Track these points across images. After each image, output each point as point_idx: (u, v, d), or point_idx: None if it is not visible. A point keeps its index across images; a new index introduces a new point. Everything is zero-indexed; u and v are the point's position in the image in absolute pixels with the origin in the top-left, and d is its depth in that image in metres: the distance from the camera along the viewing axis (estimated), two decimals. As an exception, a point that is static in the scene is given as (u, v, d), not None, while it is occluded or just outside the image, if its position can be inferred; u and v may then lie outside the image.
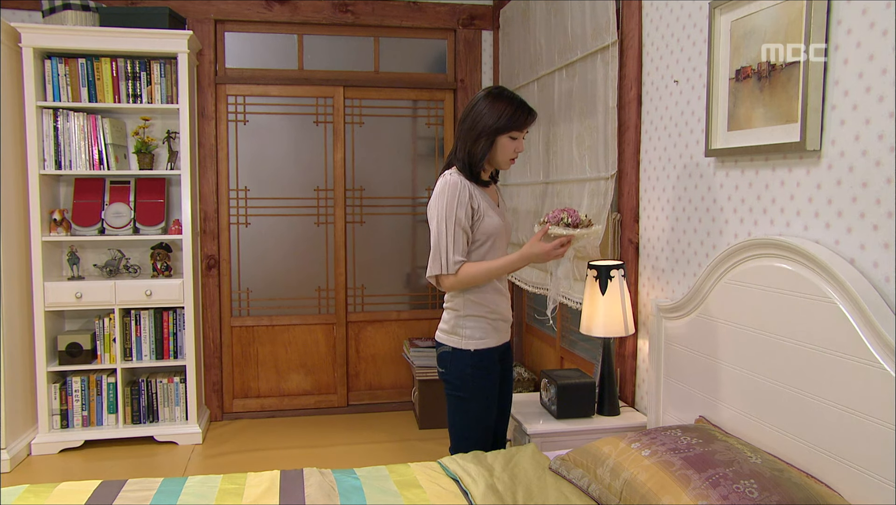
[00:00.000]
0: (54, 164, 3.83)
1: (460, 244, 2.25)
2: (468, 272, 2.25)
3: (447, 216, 2.24)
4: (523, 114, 2.28)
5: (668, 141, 2.58)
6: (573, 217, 2.21)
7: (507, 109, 2.26)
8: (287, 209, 4.47)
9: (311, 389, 4.53)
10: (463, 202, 2.25)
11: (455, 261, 2.24)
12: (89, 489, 2.03)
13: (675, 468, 1.72)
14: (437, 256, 2.26)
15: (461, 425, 2.40)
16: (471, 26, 4.51)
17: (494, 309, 2.36)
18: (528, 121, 2.30)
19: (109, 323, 3.93)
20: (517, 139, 2.31)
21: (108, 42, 3.77)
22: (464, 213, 2.24)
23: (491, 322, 2.35)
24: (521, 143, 2.34)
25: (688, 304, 2.33)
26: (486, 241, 2.31)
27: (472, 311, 2.33)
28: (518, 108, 2.27)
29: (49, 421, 3.85)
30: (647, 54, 2.73)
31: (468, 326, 2.34)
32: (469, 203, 2.26)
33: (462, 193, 2.25)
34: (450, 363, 2.36)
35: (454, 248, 2.24)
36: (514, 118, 2.26)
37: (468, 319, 2.34)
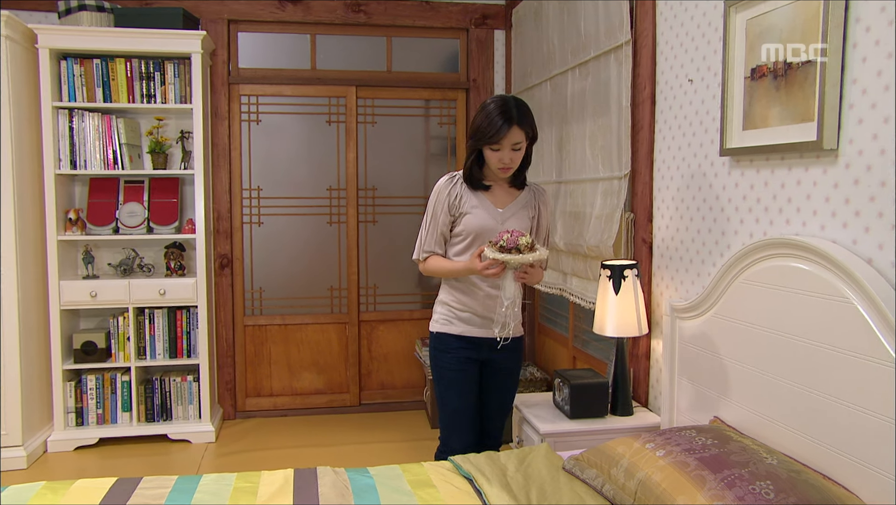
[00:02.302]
0: (69, 163, 3.85)
1: (433, 237, 2.49)
2: (430, 264, 2.51)
3: (427, 211, 2.52)
4: (491, 129, 2.33)
5: (683, 140, 2.56)
6: (510, 241, 2.23)
7: (481, 123, 2.36)
8: (300, 209, 4.49)
9: (324, 388, 4.55)
10: (441, 200, 2.47)
11: (424, 250, 2.51)
12: (105, 486, 2.04)
13: (690, 469, 1.71)
14: (416, 244, 2.56)
15: (437, 408, 2.63)
16: (483, 26, 4.51)
17: (461, 300, 2.50)
18: (494, 137, 2.32)
19: (124, 322, 3.96)
20: (498, 151, 2.36)
21: (122, 42, 3.80)
22: (441, 210, 2.47)
23: (456, 311, 2.51)
24: (506, 154, 2.36)
25: (702, 304, 2.32)
26: (467, 237, 2.46)
27: (443, 297, 2.57)
28: (489, 123, 2.33)
29: (65, 419, 3.88)
30: (661, 53, 2.72)
31: (437, 311, 2.58)
32: (448, 202, 2.46)
33: (442, 193, 2.47)
34: (429, 345, 2.63)
35: (426, 239, 2.51)
36: (483, 133, 2.35)
37: (439, 304, 2.58)
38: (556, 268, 3.63)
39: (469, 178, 2.47)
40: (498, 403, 2.62)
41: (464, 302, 2.49)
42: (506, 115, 2.32)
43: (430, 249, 2.50)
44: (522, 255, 2.22)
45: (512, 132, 2.33)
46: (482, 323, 2.50)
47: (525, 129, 2.36)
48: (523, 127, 2.35)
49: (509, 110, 2.33)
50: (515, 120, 2.32)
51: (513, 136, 2.34)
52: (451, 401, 2.54)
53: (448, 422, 2.56)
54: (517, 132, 2.34)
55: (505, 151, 2.36)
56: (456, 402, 2.53)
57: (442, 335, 2.53)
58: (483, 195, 2.47)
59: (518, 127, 2.33)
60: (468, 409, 2.55)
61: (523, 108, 2.37)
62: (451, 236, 2.49)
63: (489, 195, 2.48)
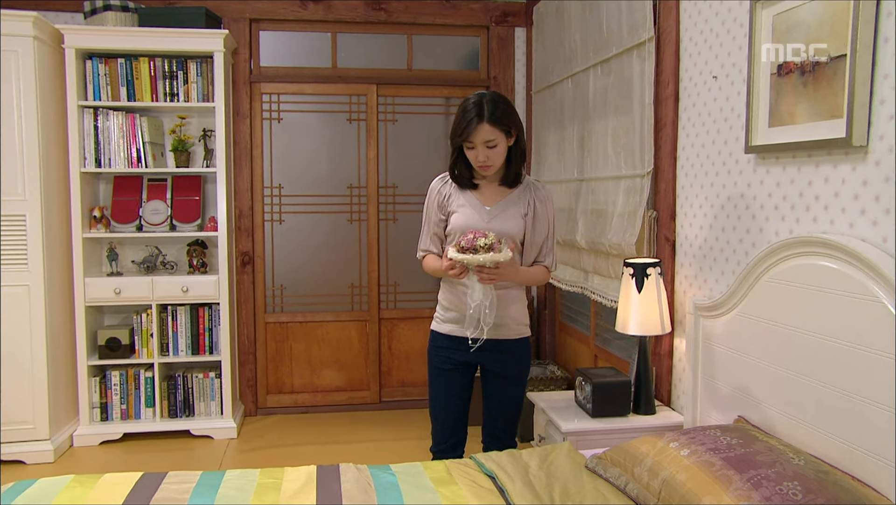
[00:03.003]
0: (94, 162, 3.90)
1: (428, 236, 2.52)
2: (426, 262, 2.53)
3: (424, 211, 2.55)
4: (461, 126, 2.31)
5: (707, 138, 2.54)
6: (468, 242, 2.21)
7: (456, 120, 2.34)
8: (320, 206, 4.51)
9: (344, 386, 4.57)
10: (432, 199, 2.50)
11: (421, 248, 2.56)
12: (132, 480, 2.06)
13: (715, 468, 1.70)
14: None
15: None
16: (504, 23, 4.50)
17: (450, 299, 2.48)
18: (463, 134, 2.30)
19: (147, 318, 4.00)
20: (473, 148, 2.33)
21: (146, 42, 3.83)
22: (433, 209, 2.50)
23: (446, 310, 2.50)
24: (481, 151, 2.31)
25: (726, 302, 2.30)
26: (455, 236, 2.42)
27: (439, 295, 2.57)
28: (461, 120, 2.32)
29: (90, 414, 3.93)
30: (684, 50, 2.70)
31: (436, 309, 2.58)
32: (438, 200, 2.48)
33: (433, 192, 2.50)
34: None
35: (423, 238, 2.55)
36: (455, 130, 2.34)
37: (438, 303, 2.57)
38: (577, 266, 3.62)
39: (455, 176, 2.45)
40: (497, 407, 2.53)
41: (452, 302, 2.47)
42: (475, 112, 2.28)
43: (426, 248, 2.53)
44: (475, 255, 2.18)
45: (481, 129, 2.28)
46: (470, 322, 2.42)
47: (499, 126, 2.29)
48: (496, 124, 2.28)
49: (480, 107, 2.28)
50: (485, 117, 2.27)
51: (484, 134, 2.28)
52: (433, 398, 2.56)
53: (437, 416, 2.57)
54: (488, 129, 2.28)
55: (480, 149, 2.31)
56: (437, 400, 2.54)
57: (434, 333, 2.54)
58: (471, 194, 2.44)
59: (489, 124, 2.27)
60: (449, 408, 2.52)
61: (498, 105, 2.30)
62: (444, 235, 2.49)
63: (478, 193, 2.44)
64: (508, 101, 2.35)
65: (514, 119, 2.34)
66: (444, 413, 2.54)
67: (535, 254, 2.46)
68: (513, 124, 2.33)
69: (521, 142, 2.40)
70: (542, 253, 2.47)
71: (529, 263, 2.46)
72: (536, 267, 2.46)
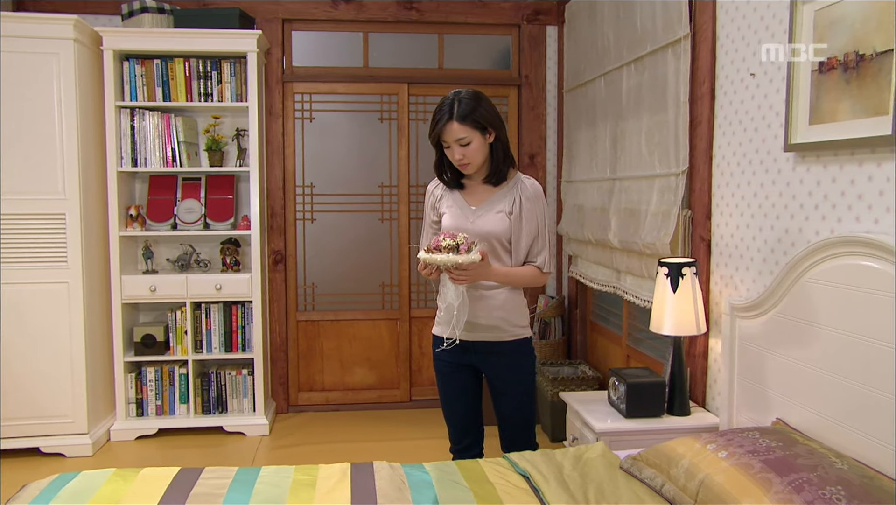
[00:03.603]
0: (131, 161, 3.97)
1: (425, 237, 2.54)
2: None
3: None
4: (431, 125, 2.32)
5: (744, 136, 2.51)
6: (434, 242, 2.20)
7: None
8: (352, 205, 4.53)
9: (375, 384, 4.59)
10: (427, 201, 2.54)
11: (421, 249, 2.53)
12: (170, 475, 2.10)
13: (754, 471, 1.67)
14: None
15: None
16: (535, 21, 4.48)
17: (441, 301, 2.44)
18: (432, 133, 2.32)
19: (181, 316, 4.06)
20: (448, 147, 2.33)
21: (181, 43, 3.89)
22: (428, 210, 2.53)
23: (441, 312, 2.46)
24: (455, 150, 2.31)
25: (764, 302, 2.27)
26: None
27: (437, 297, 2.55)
28: (432, 120, 2.32)
29: (126, 409, 4.00)
30: (721, 47, 2.67)
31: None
32: (431, 202, 2.51)
33: (427, 194, 2.54)
34: None
35: (422, 239, 2.55)
36: (429, 131, 2.35)
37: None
38: (609, 265, 3.60)
39: (440, 177, 2.45)
40: (505, 410, 2.48)
41: (444, 305, 2.42)
42: (446, 110, 2.28)
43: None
44: (435, 255, 2.17)
45: (451, 128, 2.27)
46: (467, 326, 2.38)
47: (469, 124, 2.26)
48: (465, 122, 2.26)
49: (450, 105, 2.27)
50: (454, 115, 2.26)
51: (454, 132, 2.27)
52: (441, 400, 2.58)
53: (447, 418, 2.59)
54: (458, 127, 2.26)
55: (455, 147, 2.30)
56: (443, 402, 2.56)
57: (433, 336, 2.54)
58: (459, 194, 2.43)
59: (457, 122, 2.26)
60: (455, 409, 2.54)
61: (469, 103, 2.27)
62: None
63: (466, 193, 2.43)
64: (483, 99, 2.32)
65: (488, 117, 2.30)
66: (452, 414, 2.56)
67: (524, 253, 2.39)
68: (487, 122, 2.30)
69: (503, 139, 2.36)
70: (533, 252, 2.39)
71: (520, 262, 2.39)
72: (526, 267, 2.38)
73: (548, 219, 2.43)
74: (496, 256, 2.37)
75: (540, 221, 2.39)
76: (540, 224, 2.39)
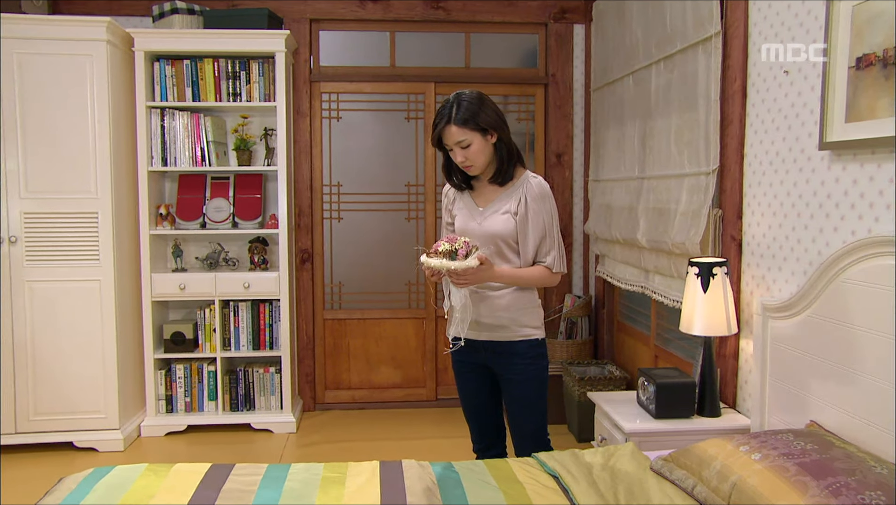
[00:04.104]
0: (161, 160, 4.02)
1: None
2: None
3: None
4: (432, 128, 2.33)
5: (777, 134, 2.47)
6: (434, 246, 2.22)
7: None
8: (378, 204, 4.55)
9: (401, 383, 4.60)
10: (443, 202, 2.56)
11: None
12: (202, 471, 2.12)
13: (789, 474, 1.65)
14: None
15: None
16: (562, 20, 4.46)
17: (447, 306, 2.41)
18: (433, 137, 2.34)
19: (210, 313, 4.10)
20: (451, 150, 2.34)
21: (210, 43, 3.93)
22: (444, 212, 2.56)
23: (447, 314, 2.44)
24: (457, 153, 2.31)
25: (798, 303, 2.24)
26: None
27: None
28: (433, 124, 2.33)
29: (156, 405, 4.05)
30: (753, 44, 2.63)
31: None
32: (446, 204, 2.54)
33: (443, 197, 2.56)
34: None
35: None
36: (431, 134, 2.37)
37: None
38: (637, 265, 3.57)
39: (449, 179, 2.47)
40: (513, 411, 2.46)
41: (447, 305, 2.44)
42: (444, 113, 2.28)
43: None
44: (429, 259, 2.20)
45: (449, 131, 2.27)
46: (472, 325, 2.38)
47: (467, 127, 2.25)
48: (463, 125, 2.25)
49: (449, 109, 2.27)
50: (452, 119, 2.25)
51: (453, 135, 2.27)
52: (460, 400, 2.60)
53: (466, 417, 2.62)
54: (456, 130, 2.26)
55: (456, 150, 2.30)
56: (462, 401, 2.59)
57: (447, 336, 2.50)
58: (469, 195, 2.44)
59: (455, 125, 2.25)
60: (472, 408, 2.56)
61: (467, 105, 2.26)
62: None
63: (475, 195, 2.43)
64: (481, 101, 2.30)
65: (487, 119, 2.28)
66: (470, 414, 2.57)
67: (532, 253, 2.35)
68: (487, 124, 2.28)
69: (506, 139, 2.34)
70: (542, 252, 2.36)
71: (528, 263, 2.36)
72: (534, 268, 2.35)
73: (556, 218, 2.38)
74: (503, 256, 2.36)
75: (547, 221, 2.35)
76: (547, 224, 2.35)
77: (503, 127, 2.33)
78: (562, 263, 2.38)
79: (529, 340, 2.39)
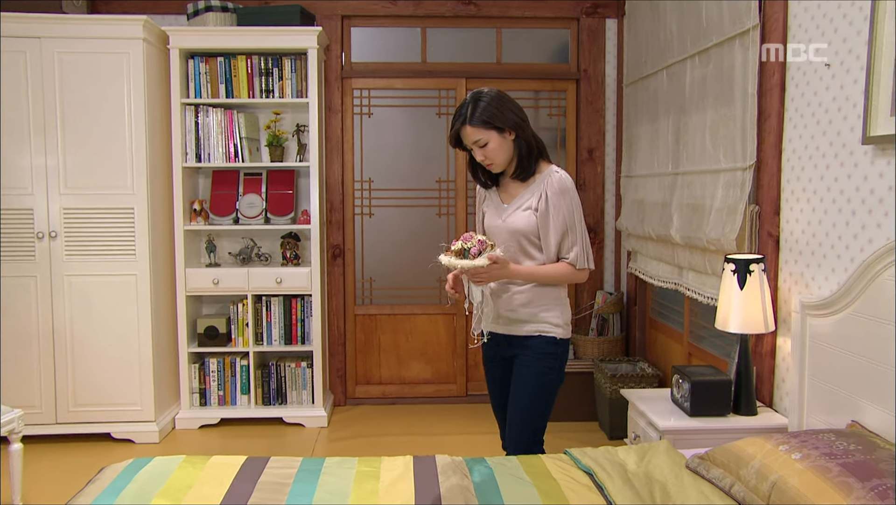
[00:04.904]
0: (195, 157, 4.07)
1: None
2: None
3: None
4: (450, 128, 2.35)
5: (817, 129, 2.43)
6: (452, 244, 2.25)
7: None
8: (409, 200, 4.56)
9: (431, 378, 4.61)
10: (477, 200, 2.58)
11: None
12: (238, 463, 2.15)
13: (832, 475, 1.62)
14: None
15: None
16: (594, 15, 4.43)
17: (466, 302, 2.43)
18: (451, 137, 2.35)
19: (243, 308, 4.15)
20: (471, 149, 2.35)
21: (244, 40, 3.97)
22: (478, 209, 2.57)
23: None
24: (477, 152, 2.33)
25: (838, 301, 2.20)
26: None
27: None
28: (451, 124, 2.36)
29: (190, 399, 4.11)
30: (793, 37, 2.59)
31: None
32: (478, 201, 2.56)
33: (477, 194, 2.57)
34: None
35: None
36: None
37: None
38: (671, 262, 3.53)
39: (475, 177, 2.47)
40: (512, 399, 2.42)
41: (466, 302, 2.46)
42: (460, 113, 2.29)
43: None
44: (441, 257, 2.25)
45: (465, 131, 2.28)
46: (496, 318, 2.41)
47: (482, 127, 2.26)
48: (478, 125, 2.25)
49: (464, 109, 2.28)
50: (467, 119, 2.26)
51: (469, 135, 2.28)
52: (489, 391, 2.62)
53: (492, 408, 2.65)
54: (471, 130, 2.27)
55: (475, 149, 2.32)
56: (490, 395, 2.61)
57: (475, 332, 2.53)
58: (496, 192, 2.46)
59: (470, 126, 2.26)
60: (495, 402, 2.59)
61: (482, 105, 2.26)
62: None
63: (501, 191, 2.44)
64: (497, 99, 2.29)
65: (502, 117, 2.27)
66: (497, 408, 2.58)
67: (554, 249, 2.32)
68: (502, 122, 2.27)
69: (525, 135, 2.32)
70: (564, 248, 2.32)
71: (551, 259, 2.33)
72: (556, 265, 2.33)
73: (578, 213, 2.33)
74: (526, 253, 2.35)
75: (568, 216, 2.31)
76: (568, 219, 2.31)
77: (520, 124, 2.32)
78: (586, 259, 2.34)
79: (545, 336, 2.36)
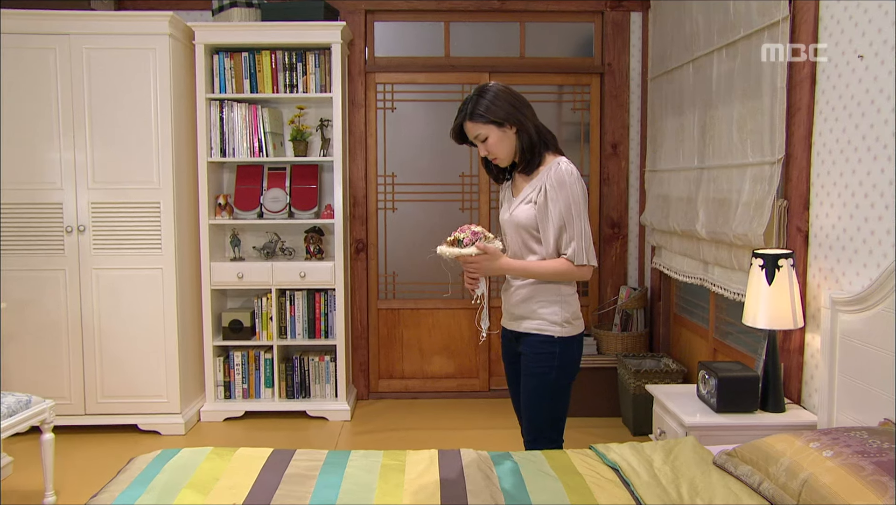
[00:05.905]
0: (220, 151, 4.10)
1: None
2: None
3: None
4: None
5: (849, 122, 2.39)
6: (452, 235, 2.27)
7: None
8: (432, 195, 4.56)
9: (454, 373, 4.61)
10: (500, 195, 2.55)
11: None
12: (264, 455, 2.17)
13: (865, 473, 1.60)
14: None
15: None
16: (619, 8, 4.39)
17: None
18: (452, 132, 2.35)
19: (267, 302, 4.17)
20: (475, 144, 2.35)
21: (268, 36, 3.99)
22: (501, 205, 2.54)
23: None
24: (480, 147, 2.33)
25: (870, 297, 2.16)
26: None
27: None
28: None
29: (215, 391, 4.15)
30: (824, 29, 2.54)
31: None
32: (500, 196, 2.54)
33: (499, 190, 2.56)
34: None
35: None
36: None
37: None
38: (696, 256, 3.50)
39: (488, 171, 2.47)
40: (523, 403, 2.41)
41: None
42: (462, 109, 2.30)
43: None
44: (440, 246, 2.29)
45: (466, 126, 2.29)
46: (507, 314, 2.45)
47: (481, 122, 2.24)
48: (477, 120, 2.25)
49: (464, 104, 2.29)
50: (467, 115, 2.27)
51: (470, 130, 2.29)
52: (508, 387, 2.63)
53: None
54: (470, 126, 2.28)
55: (479, 145, 2.32)
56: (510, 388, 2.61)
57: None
58: (508, 186, 2.47)
59: (470, 121, 2.27)
60: (513, 397, 2.59)
61: (480, 100, 2.25)
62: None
63: (513, 185, 2.44)
64: (496, 94, 2.26)
65: (500, 112, 2.24)
66: (515, 402, 2.57)
67: (553, 244, 2.26)
68: (500, 117, 2.24)
69: (526, 129, 2.28)
70: (563, 243, 2.25)
71: (551, 254, 2.27)
72: (552, 261, 2.26)
73: (578, 205, 2.23)
74: (529, 248, 2.33)
75: (564, 209, 2.22)
76: (565, 212, 2.22)
77: (520, 119, 2.28)
78: (585, 254, 2.24)
79: (541, 334, 2.30)
